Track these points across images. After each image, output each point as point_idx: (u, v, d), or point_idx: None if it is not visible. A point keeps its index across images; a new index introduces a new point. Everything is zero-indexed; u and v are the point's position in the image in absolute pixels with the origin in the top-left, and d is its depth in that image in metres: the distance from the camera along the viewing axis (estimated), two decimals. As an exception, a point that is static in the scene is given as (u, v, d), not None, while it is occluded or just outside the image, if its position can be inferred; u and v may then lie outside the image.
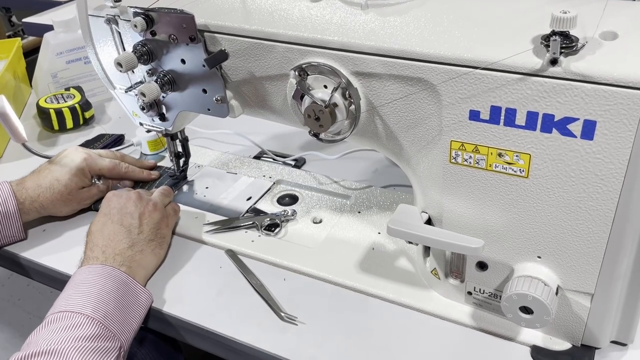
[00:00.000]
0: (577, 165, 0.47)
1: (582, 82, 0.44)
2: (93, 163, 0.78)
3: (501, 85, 0.47)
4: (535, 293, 0.51)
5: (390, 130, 0.57)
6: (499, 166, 0.51)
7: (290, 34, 0.57)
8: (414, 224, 0.57)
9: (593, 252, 0.50)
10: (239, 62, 0.62)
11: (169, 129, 0.76)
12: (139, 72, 0.70)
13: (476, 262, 0.58)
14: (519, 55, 0.46)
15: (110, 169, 0.80)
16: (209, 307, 0.65)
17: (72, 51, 1.07)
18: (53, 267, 0.73)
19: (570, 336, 0.56)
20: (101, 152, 0.83)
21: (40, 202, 0.75)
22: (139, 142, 0.93)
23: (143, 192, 0.75)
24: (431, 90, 0.51)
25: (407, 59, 0.51)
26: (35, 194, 0.75)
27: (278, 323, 0.63)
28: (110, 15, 0.67)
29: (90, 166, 0.78)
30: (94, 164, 0.79)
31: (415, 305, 0.63)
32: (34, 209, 0.75)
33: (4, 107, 0.76)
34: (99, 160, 0.79)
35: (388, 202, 0.78)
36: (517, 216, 0.52)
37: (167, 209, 0.74)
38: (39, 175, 0.76)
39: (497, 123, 0.49)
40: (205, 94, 0.66)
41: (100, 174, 0.80)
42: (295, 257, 0.70)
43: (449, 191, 0.55)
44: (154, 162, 0.89)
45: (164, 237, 0.71)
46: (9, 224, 0.74)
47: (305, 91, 0.57)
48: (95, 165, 0.79)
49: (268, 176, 0.86)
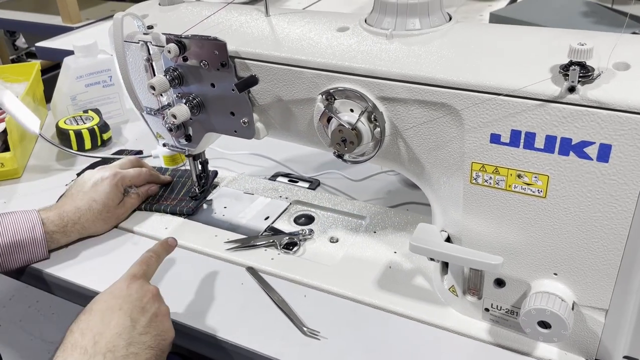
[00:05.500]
0: (593, 186, 0.50)
1: (598, 109, 0.47)
2: (122, 175, 0.82)
3: (522, 111, 0.51)
4: (553, 308, 0.54)
5: (413, 153, 0.60)
6: (518, 187, 0.54)
7: (319, 61, 0.60)
8: (436, 241, 0.60)
9: (608, 269, 0.53)
10: (267, 86, 0.65)
11: (193, 149, 0.78)
12: (166, 95, 0.73)
13: (494, 279, 0.61)
14: (539, 83, 0.49)
15: (136, 176, 0.84)
16: (233, 321, 0.67)
17: (91, 75, 1.10)
18: (74, 281, 0.75)
19: (584, 351, 0.59)
20: (118, 163, 0.87)
21: (81, 223, 0.78)
22: (157, 155, 0.97)
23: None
24: (454, 115, 0.55)
25: (432, 85, 0.54)
26: (76, 216, 0.78)
27: (301, 338, 0.65)
28: (142, 42, 0.70)
29: (122, 179, 0.82)
30: (124, 176, 0.82)
31: (433, 321, 0.65)
32: (75, 231, 0.79)
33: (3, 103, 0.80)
34: (125, 172, 0.83)
35: (403, 222, 0.81)
36: (535, 234, 0.55)
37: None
38: (74, 198, 0.79)
39: (517, 146, 0.52)
40: (232, 116, 0.69)
41: (131, 184, 0.84)
42: (315, 275, 0.72)
43: (469, 210, 0.58)
44: (170, 178, 0.92)
45: (163, 352, 0.60)
46: (35, 248, 0.76)
47: (333, 114, 0.60)
48: (125, 177, 0.82)
49: (284, 197, 0.89)
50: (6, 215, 0.75)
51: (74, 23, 1.76)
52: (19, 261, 0.76)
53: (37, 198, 0.92)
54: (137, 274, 0.63)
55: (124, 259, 0.78)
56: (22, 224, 0.75)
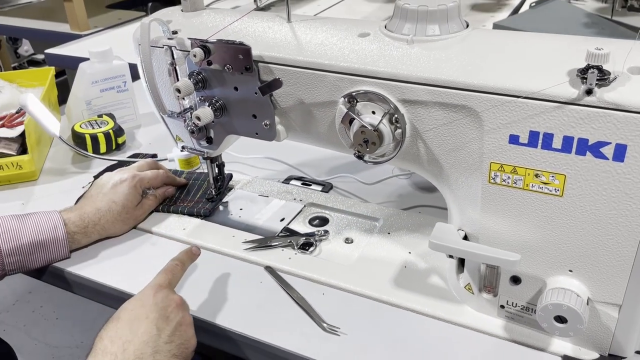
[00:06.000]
0: (609, 185, 0.53)
1: (615, 110, 0.50)
2: (140, 177, 0.84)
3: (540, 113, 0.53)
4: (569, 303, 0.56)
5: (432, 153, 0.62)
6: (535, 186, 0.56)
7: (343, 65, 0.62)
8: (454, 239, 0.62)
9: (622, 265, 0.55)
10: (289, 89, 0.67)
11: (212, 151, 0.80)
12: (188, 98, 0.75)
13: (510, 276, 0.63)
14: (557, 86, 0.52)
15: (154, 177, 0.86)
16: (253, 318, 0.69)
17: (105, 80, 1.12)
18: (95, 279, 0.77)
19: (598, 346, 0.61)
20: (135, 165, 0.89)
21: (102, 224, 0.80)
22: (172, 159, 0.99)
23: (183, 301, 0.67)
24: (474, 117, 0.57)
25: (453, 88, 0.57)
26: (97, 217, 0.80)
27: (321, 334, 0.66)
28: (167, 46, 0.72)
29: (140, 181, 0.83)
30: (142, 178, 0.84)
31: (449, 318, 0.67)
32: (96, 232, 0.80)
33: (27, 105, 0.82)
34: (143, 174, 0.85)
35: (416, 224, 0.83)
36: (551, 232, 0.57)
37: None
38: (94, 200, 0.81)
39: (535, 146, 0.55)
40: (254, 119, 0.71)
41: (149, 186, 0.85)
42: (332, 274, 0.74)
43: (487, 209, 0.60)
44: (185, 181, 0.93)
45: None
46: (57, 248, 0.78)
47: (356, 116, 0.62)
48: (143, 179, 0.84)
49: (298, 199, 0.91)
50: (29, 216, 0.77)
51: (82, 30, 1.78)
52: (41, 261, 0.77)
53: (54, 200, 0.94)
54: (163, 283, 0.65)
55: (143, 259, 0.80)
56: (45, 224, 0.76)
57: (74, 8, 1.76)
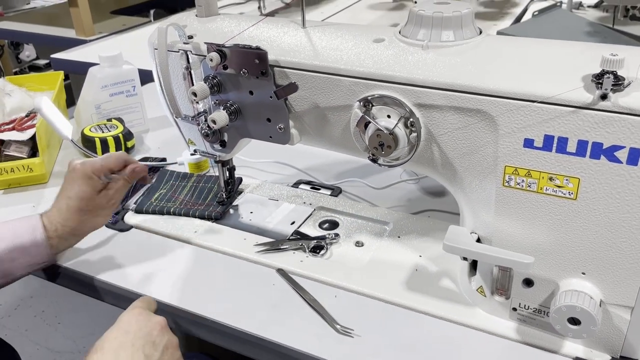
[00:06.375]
0: (623, 188, 0.54)
1: (629, 115, 0.51)
2: (90, 163, 0.76)
3: (555, 117, 0.54)
4: (583, 305, 0.57)
5: (447, 157, 0.63)
6: (549, 189, 0.57)
7: (359, 70, 0.63)
8: (468, 242, 0.62)
9: (635, 267, 0.56)
10: (305, 94, 0.68)
11: (225, 155, 0.81)
12: (202, 102, 0.76)
13: (523, 279, 0.63)
14: (572, 90, 0.53)
15: (106, 158, 0.77)
16: (266, 319, 0.70)
17: (115, 84, 1.13)
18: (105, 279, 0.77)
19: (610, 348, 0.62)
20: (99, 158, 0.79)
21: (69, 225, 0.75)
22: (182, 162, 1.00)
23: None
24: (489, 121, 0.58)
25: (469, 92, 0.58)
26: (62, 218, 0.74)
27: (334, 335, 0.67)
28: (182, 50, 0.73)
29: (91, 167, 0.75)
30: (92, 164, 0.76)
31: (462, 320, 0.68)
32: (66, 233, 0.75)
33: (41, 108, 0.82)
34: (91, 160, 0.77)
35: (426, 228, 0.84)
36: (565, 235, 0.58)
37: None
38: (57, 202, 0.76)
39: (550, 150, 0.56)
40: (269, 122, 0.72)
41: (107, 170, 0.76)
42: (344, 276, 0.75)
43: (500, 212, 0.61)
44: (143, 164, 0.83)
45: None
46: (38, 251, 0.74)
47: (372, 120, 0.63)
48: (94, 164, 0.75)
49: (308, 203, 0.91)
50: (8, 222, 0.74)
51: (88, 36, 1.79)
52: (24, 266, 0.73)
53: (65, 202, 0.94)
54: (142, 306, 0.63)
55: (156, 262, 0.80)
56: (21, 228, 0.73)
57: (79, 13, 1.77)
